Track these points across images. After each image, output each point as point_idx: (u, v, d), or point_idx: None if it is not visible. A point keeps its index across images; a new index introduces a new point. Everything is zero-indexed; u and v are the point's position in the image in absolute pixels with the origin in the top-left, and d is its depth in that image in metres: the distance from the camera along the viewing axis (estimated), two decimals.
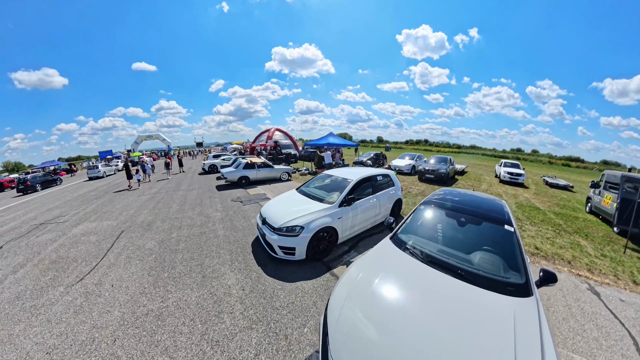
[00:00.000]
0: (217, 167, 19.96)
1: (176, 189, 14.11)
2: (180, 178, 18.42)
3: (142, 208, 10.24)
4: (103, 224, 8.36)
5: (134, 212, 9.62)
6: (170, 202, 11.09)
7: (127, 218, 8.93)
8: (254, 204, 10.11)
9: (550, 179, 17.50)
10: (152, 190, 13.99)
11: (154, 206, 10.47)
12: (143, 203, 11.15)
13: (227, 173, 13.22)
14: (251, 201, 10.51)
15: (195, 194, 12.20)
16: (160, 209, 9.85)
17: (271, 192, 11.97)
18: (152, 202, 11.13)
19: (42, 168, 39.40)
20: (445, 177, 14.77)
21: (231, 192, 12.26)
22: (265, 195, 11.41)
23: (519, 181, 15.85)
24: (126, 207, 10.54)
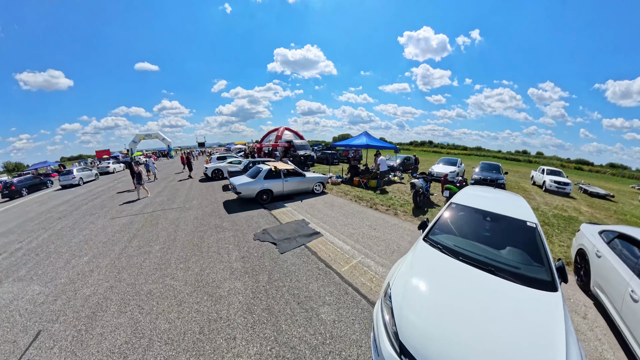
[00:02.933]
0: (223, 172, 15.67)
1: (167, 205, 9.77)
2: (177, 187, 14.11)
3: (104, 251, 5.89)
4: (26, 293, 4.20)
5: (87, 262, 5.34)
6: (152, 237, 6.61)
7: (70, 279, 4.66)
8: (299, 247, 5.62)
9: (588, 187, 15.61)
10: (136, 207, 9.72)
11: (122, 248, 5.99)
12: (111, 237, 6.76)
13: (241, 186, 8.92)
14: (291, 241, 5.93)
15: (193, 220, 7.79)
16: (130, 259, 5.42)
17: (316, 219, 7.54)
18: (124, 236, 6.75)
19: (35, 169, 35.02)
20: (504, 187, 11.93)
21: (249, 216, 7.90)
22: (309, 226, 6.95)
23: (566, 191, 13.71)
24: (82, 247, 6.21)
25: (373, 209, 8.49)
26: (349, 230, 6.52)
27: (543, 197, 12.94)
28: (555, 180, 14.05)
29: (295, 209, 8.59)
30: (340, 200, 9.99)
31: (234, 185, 8.93)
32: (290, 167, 10.06)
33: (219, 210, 8.59)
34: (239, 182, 8.94)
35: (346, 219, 7.44)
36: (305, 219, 7.57)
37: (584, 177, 32.96)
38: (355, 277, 4.41)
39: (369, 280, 4.31)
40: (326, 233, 6.36)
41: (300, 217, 7.69)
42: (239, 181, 9.09)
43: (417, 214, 7.95)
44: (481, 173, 13.14)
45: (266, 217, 7.75)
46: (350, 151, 27.01)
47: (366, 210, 8.34)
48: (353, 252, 5.29)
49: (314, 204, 9.25)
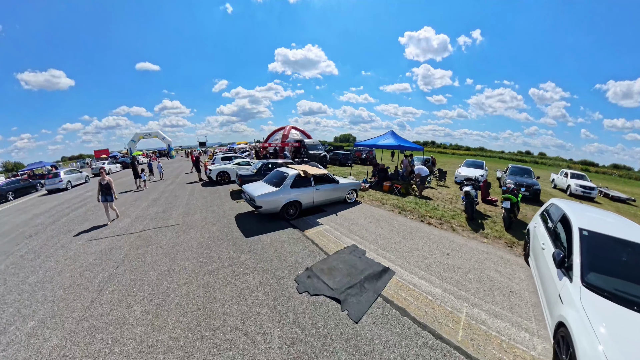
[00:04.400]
0: (230, 176, 13.41)
1: (162, 220, 7.46)
2: (177, 192, 11.85)
3: (59, 311, 3.57)
4: None
5: (27, 336, 3.00)
6: (134, 283, 4.28)
7: None
8: (375, 302, 3.54)
9: (608, 191, 14.71)
10: (122, 223, 7.40)
11: (87, 306, 3.72)
12: (78, 277, 4.45)
13: (263, 198, 6.55)
14: (358, 291, 3.81)
15: (196, 247, 5.48)
16: (91, 336, 3.15)
17: (368, 242, 5.53)
18: (95, 278, 4.44)
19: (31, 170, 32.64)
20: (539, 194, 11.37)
21: (276, 241, 5.61)
22: (368, 257, 4.88)
23: (592, 195, 12.90)
24: (34, 297, 3.92)
25: (425, 224, 6.77)
26: (420, 259, 4.80)
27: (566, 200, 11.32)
28: (580, 185, 13.06)
29: (334, 227, 6.41)
30: (380, 211, 7.90)
31: (252, 197, 6.58)
32: (322, 172, 7.78)
33: (230, 230, 6.27)
34: (259, 193, 6.58)
35: (405, 240, 5.65)
36: (356, 243, 5.40)
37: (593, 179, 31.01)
38: (483, 350, 2.80)
39: (506, 352, 2.74)
40: (396, 267, 4.48)
41: (349, 241, 5.48)
42: (258, 191, 6.73)
43: (474, 227, 6.59)
44: (514, 178, 11.60)
45: (301, 242, 5.50)
46: (364, 151, 24.90)
47: (419, 226, 6.62)
48: (450, 299, 3.65)
49: (353, 219, 7.09)
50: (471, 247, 5.34)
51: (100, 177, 7.47)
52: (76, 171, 18.67)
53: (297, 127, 32.55)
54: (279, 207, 6.73)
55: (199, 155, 15.95)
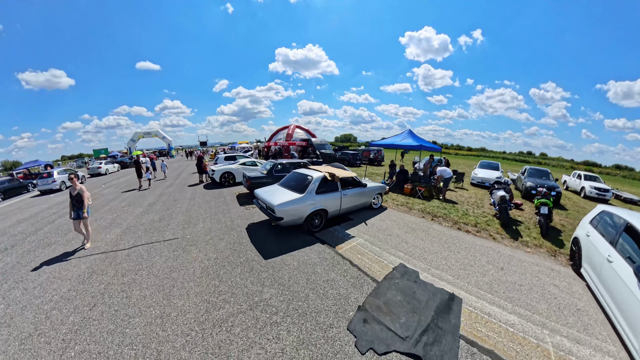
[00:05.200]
0: (235, 177, 12.15)
1: (157, 232, 6.13)
2: (176, 195, 10.56)
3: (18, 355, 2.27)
4: None
5: None
6: (116, 327, 3.01)
7: None
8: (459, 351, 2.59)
9: (620, 193, 14.19)
10: (111, 235, 6.07)
11: None
12: (37, 324, 3.10)
13: (284, 207, 5.22)
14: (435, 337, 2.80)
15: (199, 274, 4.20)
16: None
17: (414, 259, 4.60)
18: (61, 328, 3.08)
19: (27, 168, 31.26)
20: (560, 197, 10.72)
21: (304, 265, 4.36)
22: (424, 280, 3.84)
23: (606, 198, 12.36)
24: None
25: (464, 232, 6.09)
26: (477, 277, 4.16)
27: (591, 205, 10.84)
28: (595, 187, 12.58)
29: (370, 240, 5.29)
30: (411, 218, 7.05)
31: (271, 206, 5.25)
32: (349, 174, 6.51)
33: (243, 248, 4.96)
34: (280, 201, 5.24)
35: (452, 253, 4.93)
36: (401, 260, 4.38)
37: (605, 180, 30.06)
38: None
39: None
40: (459, 291, 3.74)
41: (393, 260, 4.43)
42: (277, 198, 5.40)
43: (512, 235, 6.06)
44: (533, 180, 10.96)
45: (337, 265, 4.28)
46: (372, 151, 23.68)
47: (458, 235, 5.89)
48: (530, 328, 3.13)
49: (386, 228, 6.02)
50: (519, 258, 4.86)
51: (70, 186, 5.59)
52: (71, 171, 17.51)
53: (301, 126, 31.35)
54: (304, 218, 5.43)
55: (202, 155, 14.53)
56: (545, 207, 6.31)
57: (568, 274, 4.41)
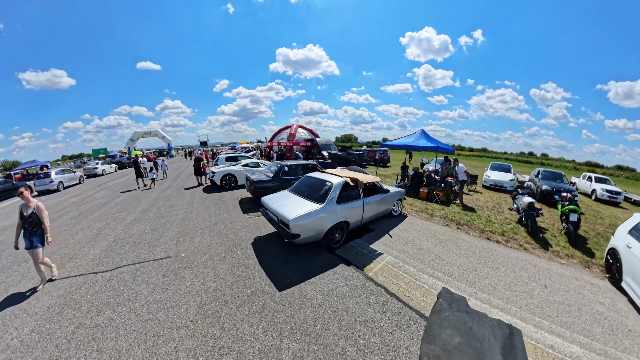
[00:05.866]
0: (236, 179, 11.22)
1: (147, 248, 5.19)
2: (172, 200, 9.63)
3: None
4: None
5: None
6: None
7: None
8: None
9: (629, 195, 13.97)
10: (94, 250, 5.10)
11: None
12: None
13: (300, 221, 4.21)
14: None
15: (194, 318, 3.22)
16: None
17: (456, 280, 3.93)
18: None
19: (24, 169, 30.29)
20: None
21: (331, 294, 3.47)
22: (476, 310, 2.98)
23: (617, 200, 12.01)
24: None
25: (493, 242, 5.61)
26: (525, 298, 3.73)
27: (604, 208, 10.65)
28: (607, 190, 12.24)
29: (400, 257, 4.58)
30: (435, 227, 6.43)
31: (284, 221, 4.27)
32: (372, 179, 5.60)
33: (251, 273, 4.00)
34: (295, 214, 4.26)
35: (491, 269, 4.44)
36: (442, 282, 3.79)
37: None
38: None
39: None
40: (515, 320, 3.24)
41: (433, 282, 3.84)
42: (291, 210, 4.42)
43: (541, 244, 5.65)
44: (548, 183, 10.47)
45: (371, 295, 3.44)
46: (378, 152, 22.75)
47: (490, 246, 5.38)
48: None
49: (413, 240, 5.34)
50: (557, 272, 4.54)
51: (21, 203, 3.96)
52: (69, 171, 16.34)
53: (303, 125, 30.41)
54: (323, 233, 4.49)
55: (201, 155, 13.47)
56: (574, 215, 5.95)
57: (607, 287, 4.19)
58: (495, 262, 4.61)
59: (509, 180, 11.83)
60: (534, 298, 3.69)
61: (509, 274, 4.28)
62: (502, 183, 11.83)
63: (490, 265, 4.49)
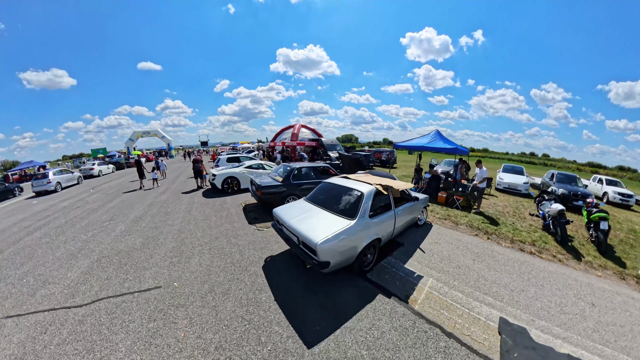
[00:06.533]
0: (239, 182, 10.29)
1: (134, 274, 4.24)
2: (169, 206, 8.68)
3: None
4: None
5: None
6: None
7: None
8: None
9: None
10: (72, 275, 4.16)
11: None
12: None
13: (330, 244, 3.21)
14: None
15: None
16: None
17: (516, 309, 3.27)
18: None
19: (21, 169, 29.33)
20: None
21: (371, 340, 2.56)
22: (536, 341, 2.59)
23: (629, 203, 11.59)
24: None
25: (528, 254, 5.23)
26: (582, 322, 3.29)
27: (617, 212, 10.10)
28: (619, 192, 11.87)
29: (442, 279, 4.00)
30: (464, 237, 5.84)
31: (309, 243, 3.28)
32: (405, 186, 4.75)
33: (265, 317, 3.05)
34: (323, 235, 3.28)
35: (536, 288, 4.01)
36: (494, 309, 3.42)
37: None
38: None
39: None
40: (581, 351, 2.78)
41: (486, 311, 3.33)
42: (318, 230, 3.43)
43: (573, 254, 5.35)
44: (563, 186, 10.08)
45: (426, 341, 2.61)
46: (384, 154, 21.85)
47: (526, 259, 5.00)
48: None
49: (447, 255, 4.85)
50: (598, 286, 4.25)
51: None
52: (67, 171, 15.71)
53: (306, 125, 29.48)
54: (356, 256, 3.58)
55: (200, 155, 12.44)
56: (605, 223, 5.62)
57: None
58: (538, 279, 4.26)
59: (523, 183, 11.29)
60: (588, 320, 3.37)
61: (555, 292, 3.93)
62: (516, 186, 11.29)
63: (534, 282, 4.12)
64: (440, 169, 13.17)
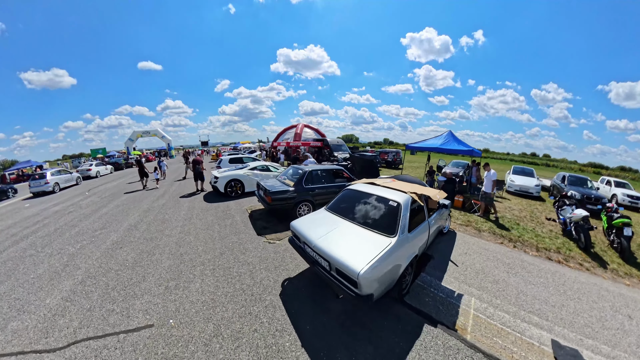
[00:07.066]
0: (244, 186, 9.58)
1: (121, 305, 3.49)
2: (166, 213, 7.91)
3: None
4: None
5: None
6: None
7: None
8: None
9: None
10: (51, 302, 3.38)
11: None
12: None
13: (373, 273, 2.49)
14: None
15: None
16: None
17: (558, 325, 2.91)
18: None
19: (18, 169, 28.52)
20: None
21: None
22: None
23: (638, 206, 11.10)
24: None
25: (555, 262, 4.98)
26: (624, 337, 3.09)
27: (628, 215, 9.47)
28: (628, 195, 11.51)
29: (483, 298, 3.62)
30: (491, 246, 5.47)
31: (347, 271, 2.52)
32: (439, 195, 4.19)
33: None
34: (365, 262, 2.52)
35: (575, 302, 3.73)
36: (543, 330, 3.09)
37: None
38: None
39: None
40: None
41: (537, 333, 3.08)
42: (356, 254, 2.67)
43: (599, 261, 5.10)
44: (577, 189, 9.67)
45: None
46: (390, 154, 21.13)
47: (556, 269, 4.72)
48: None
49: (480, 268, 4.46)
50: (631, 297, 3.98)
51: None
52: (65, 172, 15.09)
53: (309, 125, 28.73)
54: (396, 280, 2.92)
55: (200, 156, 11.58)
56: (629, 229, 5.42)
57: None
58: (573, 291, 4.07)
59: (534, 186, 11.04)
60: (630, 335, 3.19)
61: (593, 305, 3.75)
62: (528, 189, 11.03)
63: (570, 295, 3.92)
64: (449, 170, 12.68)
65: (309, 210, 6.30)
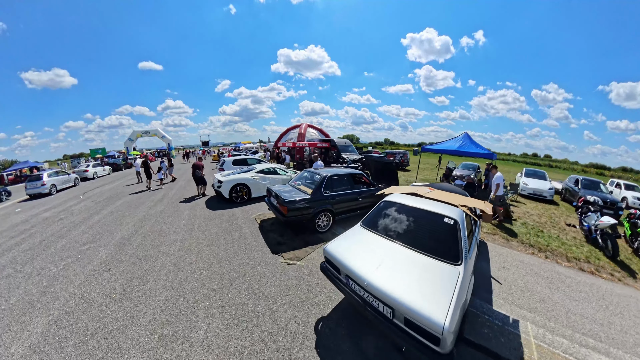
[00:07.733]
0: (250, 191, 8.69)
1: (104, 355, 2.62)
2: (165, 222, 7.04)
3: None
4: None
5: None
6: None
7: None
8: None
9: None
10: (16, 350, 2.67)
11: None
12: None
13: (455, 325, 1.73)
14: None
15: None
16: None
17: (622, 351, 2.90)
18: None
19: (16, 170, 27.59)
20: None
21: None
22: None
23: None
24: None
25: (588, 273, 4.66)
26: None
27: None
28: (638, 197, 11.32)
29: (537, 322, 3.26)
30: (524, 257, 5.12)
31: (433, 331, 1.67)
32: (489, 208, 3.31)
33: None
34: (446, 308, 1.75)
35: (620, 319, 3.46)
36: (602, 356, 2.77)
37: None
38: None
39: None
40: None
41: None
42: (440, 303, 1.78)
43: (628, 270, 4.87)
44: (592, 193, 9.28)
45: None
46: (397, 155, 20.26)
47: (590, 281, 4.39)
48: None
49: (522, 285, 4.06)
50: None
51: None
52: (63, 173, 14.35)
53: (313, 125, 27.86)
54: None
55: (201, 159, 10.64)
56: None
57: None
58: (614, 305, 3.83)
59: (548, 189, 10.73)
60: None
61: (636, 320, 3.51)
62: (542, 192, 10.72)
63: (613, 311, 3.69)
64: (459, 172, 12.05)
65: (329, 221, 5.44)
